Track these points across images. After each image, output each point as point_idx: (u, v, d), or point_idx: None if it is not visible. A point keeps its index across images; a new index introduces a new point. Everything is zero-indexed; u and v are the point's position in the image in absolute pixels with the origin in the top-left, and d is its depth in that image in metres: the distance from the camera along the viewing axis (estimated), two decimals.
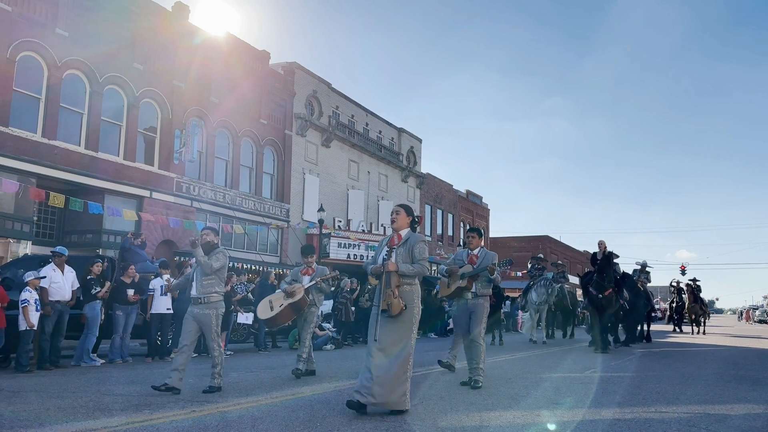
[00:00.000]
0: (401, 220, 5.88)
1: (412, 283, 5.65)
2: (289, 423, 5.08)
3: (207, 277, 6.97)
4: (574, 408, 6.06)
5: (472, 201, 46.85)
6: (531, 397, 6.70)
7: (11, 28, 16.80)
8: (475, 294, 7.62)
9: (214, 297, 6.98)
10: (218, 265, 7.01)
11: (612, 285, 13.75)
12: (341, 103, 32.60)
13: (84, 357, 10.08)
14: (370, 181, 34.21)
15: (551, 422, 5.31)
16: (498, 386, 7.57)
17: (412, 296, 5.60)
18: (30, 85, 17.38)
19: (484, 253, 7.81)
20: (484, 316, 7.62)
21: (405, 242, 5.73)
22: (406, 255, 5.67)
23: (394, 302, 5.40)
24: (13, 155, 16.54)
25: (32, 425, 4.96)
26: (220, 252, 7.11)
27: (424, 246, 5.74)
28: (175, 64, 21.43)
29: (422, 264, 5.67)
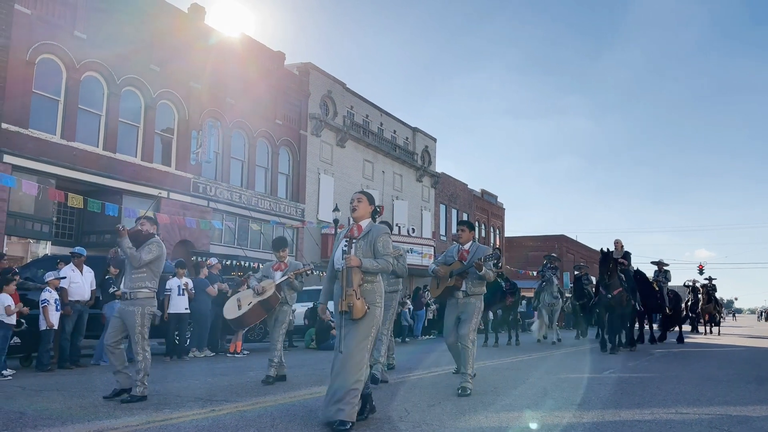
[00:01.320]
0: (362, 209, 5.24)
1: (374, 280, 5.05)
2: (308, 422, 5.10)
3: (136, 270, 6.26)
4: (594, 409, 6.01)
5: (487, 200, 46.69)
6: (550, 398, 6.66)
7: (30, 31, 17.01)
8: (465, 293, 6.99)
9: (143, 293, 6.25)
10: (149, 257, 6.26)
11: (627, 284, 13.62)
12: (356, 103, 32.65)
13: (103, 356, 10.16)
14: (385, 181, 34.22)
15: (567, 422, 5.27)
16: (516, 387, 7.54)
17: (374, 296, 5.01)
18: (49, 87, 17.58)
19: (475, 248, 7.15)
20: (474, 317, 6.93)
21: (366, 234, 5.10)
22: (368, 249, 5.04)
23: (357, 303, 4.79)
24: (32, 157, 16.75)
25: (55, 424, 5.02)
26: (153, 243, 6.38)
27: (388, 238, 5.15)
28: (192, 66, 21.58)
29: (387, 259, 5.05)
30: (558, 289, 17.20)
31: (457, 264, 7.10)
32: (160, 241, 6.55)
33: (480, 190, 46.16)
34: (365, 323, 4.89)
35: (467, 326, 6.82)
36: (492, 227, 46.75)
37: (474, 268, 6.83)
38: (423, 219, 37.44)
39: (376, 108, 34.67)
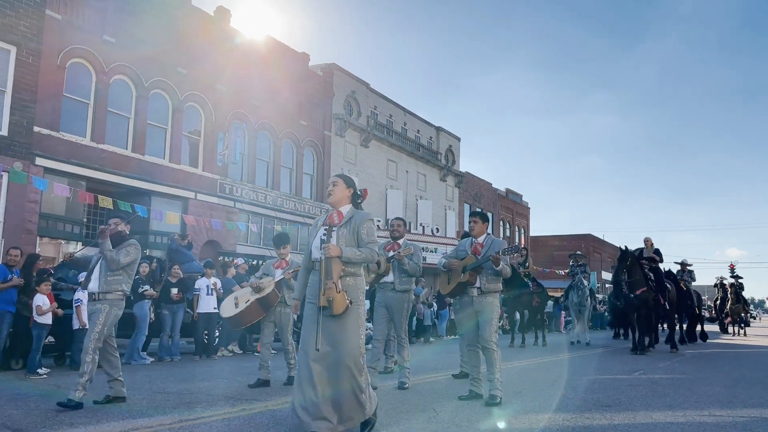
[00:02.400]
0: (339, 193, 4.69)
1: (357, 273, 4.55)
2: None
3: (113, 272, 6.03)
4: (625, 410, 5.95)
5: (511, 199, 46.41)
6: (579, 399, 6.61)
7: (61, 36, 17.35)
8: (480, 290, 6.42)
9: (115, 295, 6.05)
10: (127, 260, 6.08)
11: (651, 283, 13.41)
12: (379, 103, 32.69)
13: (134, 355, 10.35)
14: (409, 181, 34.20)
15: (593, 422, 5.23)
16: (544, 388, 7.49)
17: (356, 292, 4.49)
18: (79, 90, 17.91)
19: (490, 241, 6.54)
20: (493, 317, 6.41)
21: (348, 221, 4.58)
22: (350, 237, 4.52)
23: (337, 297, 4.26)
24: (63, 159, 17.08)
25: (91, 421, 5.12)
26: (131, 245, 6.16)
27: (373, 226, 4.62)
28: (218, 68, 21.80)
29: (371, 248, 4.54)
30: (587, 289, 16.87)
31: (470, 258, 6.50)
32: (137, 243, 6.33)
33: (504, 189, 45.90)
34: (351, 320, 4.37)
35: (489, 328, 6.30)
36: (517, 226, 46.44)
37: (490, 263, 6.28)
38: (447, 219, 37.35)
39: (400, 108, 34.68)
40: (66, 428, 4.85)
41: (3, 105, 16.25)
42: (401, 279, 7.31)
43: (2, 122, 16.19)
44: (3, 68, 16.31)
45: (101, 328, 5.92)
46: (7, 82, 16.32)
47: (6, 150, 15.91)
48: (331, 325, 4.32)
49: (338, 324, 4.34)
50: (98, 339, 5.91)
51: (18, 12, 16.48)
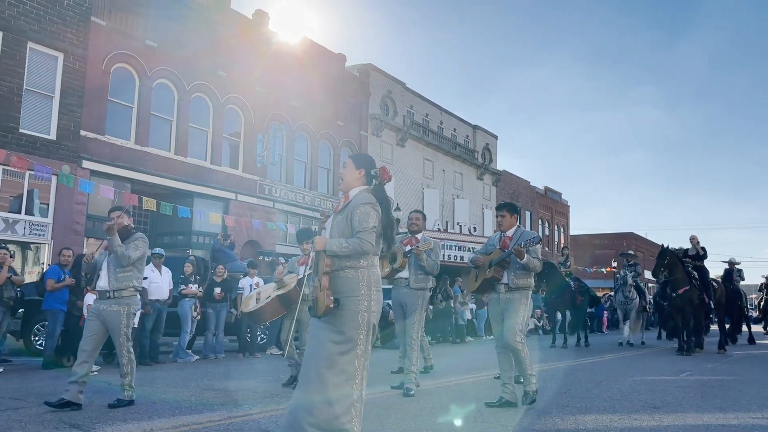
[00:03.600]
0: (348, 176, 4.02)
1: (357, 265, 3.76)
2: (381, 418, 5.16)
3: (123, 269, 5.80)
4: (674, 412, 5.84)
5: (550, 197, 45.85)
6: (626, 401, 6.50)
7: (106, 42, 17.83)
8: (508, 287, 6.03)
9: (128, 291, 5.83)
10: (137, 254, 5.88)
11: (695, 282, 13.08)
12: (415, 102, 32.67)
13: (180, 353, 10.58)
14: (445, 180, 34.09)
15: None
16: (590, 389, 7.39)
17: (357, 284, 3.73)
18: (123, 94, 18.38)
19: (519, 234, 6.13)
20: (520, 314, 5.94)
21: (346, 206, 3.89)
22: (345, 224, 3.83)
23: (319, 296, 3.66)
24: (109, 162, 17.55)
25: (143, 417, 5.26)
26: (139, 239, 5.95)
27: (370, 210, 3.79)
28: (256, 70, 22.09)
29: (361, 237, 3.72)
30: (635, 288, 16.40)
31: (497, 253, 6.12)
32: (144, 236, 6.10)
33: (543, 188, 45.38)
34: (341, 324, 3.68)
35: (514, 326, 5.89)
36: (556, 225, 45.85)
37: (514, 256, 5.89)
38: (484, 218, 37.10)
39: (436, 107, 34.59)
40: (120, 424, 4.99)
41: (51, 110, 16.78)
42: (417, 276, 6.92)
43: (51, 127, 16.72)
44: (51, 74, 16.84)
45: (126, 330, 5.83)
46: (55, 88, 16.85)
47: (54, 153, 16.42)
48: (321, 329, 3.73)
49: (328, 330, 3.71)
50: (127, 339, 5.85)
51: (65, 20, 17.00)
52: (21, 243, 15.53)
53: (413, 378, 6.77)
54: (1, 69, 15.70)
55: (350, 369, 3.64)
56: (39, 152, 15.93)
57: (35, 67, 16.47)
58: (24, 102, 16.13)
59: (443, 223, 31.91)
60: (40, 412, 5.41)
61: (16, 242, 15.50)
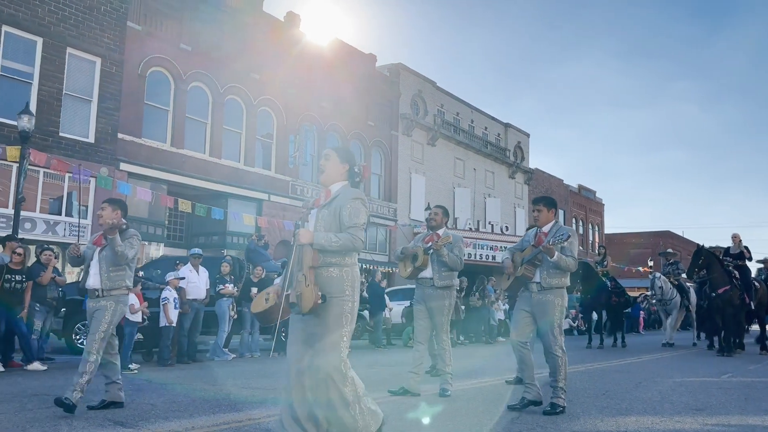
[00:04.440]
0: (331, 169, 3.90)
1: (342, 263, 3.69)
2: (403, 420, 5.16)
3: (116, 267, 5.53)
4: (718, 414, 5.71)
5: (584, 196, 45.26)
6: (668, 402, 6.38)
7: (141, 46, 18.19)
8: (540, 286, 5.68)
9: (120, 291, 5.58)
10: (132, 253, 5.62)
11: (735, 282, 12.75)
12: (446, 101, 32.57)
13: (217, 351, 10.73)
14: (476, 179, 33.91)
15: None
16: (629, 391, 7.27)
17: (341, 285, 3.66)
18: (159, 98, 18.73)
19: (556, 230, 5.75)
20: (555, 317, 5.64)
21: (332, 201, 3.79)
22: (332, 219, 3.73)
23: (305, 292, 3.55)
24: (145, 164, 17.90)
25: (184, 415, 5.35)
26: (133, 237, 5.67)
27: (360, 206, 3.73)
28: (288, 72, 22.28)
29: (353, 233, 3.65)
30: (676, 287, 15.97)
31: (530, 249, 5.82)
32: (138, 233, 5.85)
33: (577, 186, 44.82)
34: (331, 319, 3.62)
35: (552, 330, 5.60)
36: (591, 224, 45.24)
37: (543, 253, 5.58)
38: (516, 217, 36.80)
39: (467, 105, 34.43)
40: (161, 422, 5.08)
41: (90, 114, 17.19)
42: (441, 274, 6.58)
43: (89, 130, 17.13)
44: (89, 79, 17.25)
45: (107, 327, 5.44)
46: (93, 92, 17.26)
47: (93, 156, 16.81)
48: (309, 323, 3.65)
49: (313, 325, 3.64)
50: (104, 338, 5.43)
51: (102, 25, 17.39)
52: (61, 244, 15.93)
53: (449, 378, 6.60)
54: (42, 74, 16.13)
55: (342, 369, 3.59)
56: (78, 155, 16.32)
57: (74, 71, 16.89)
58: (63, 106, 16.56)
59: (474, 223, 31.74)
60: (85, 409, 5.53)
61: (56, 243, 15.88)
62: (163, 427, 4.85)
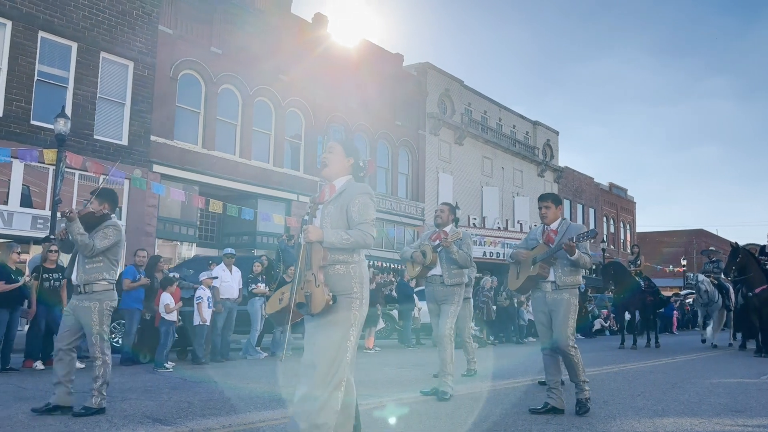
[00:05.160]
0: (335, 163, 3.75)
1: (350, 260, 3.56)
2: (439, 418, 5.15)
3: (92, 260, 5.27)
4: (759, 416, 5.59)
5: (615, 194, 44.64)
6: (705, 404, 6.27)
7: (173, 49, 18.47)
8: (555, 285, 5.56)
9: (100, 285, 5.27)
10: (105, 244, 5.27)
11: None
12: (473, 100, 32.42)
13: (249, 350, 10.85)
14: (505, 178, 33.68)
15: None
16: (665, 391, 7.15)
17: (350, 282, 3.53)
18: (190, 100, 19.00)
19: (565, 227, 5.65)
20: (570, 316, 5.50)
21: (339, 196, 3.65)
22: (339, 215, 3.60)
23: (315, 292, 3.42)
24: (177, 165, 18.18)
25: (221, 413, 5.42)
26: (110, 226, 5.35)
27: (369, 201, 3.61)
28: (316, 73, 22.42)
29: (363, 230, 3.52)
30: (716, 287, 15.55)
31: (541, 248, 5.63)
32: (118, 223, 5.51)
33: (608, 184, 44.24)
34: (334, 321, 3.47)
35: (565, 329, 5.47)
36: (622, 222, 44.60)
37: (564, 251, 5.41)
38: None
39: (495, 103, 34.23)
40: (198, 419, 5.16)
41: (123, 116, 17.51)
42: (450, 271, 6.46)
43: (122, 132, 17.45)
44: (122, 82, 17.58)
45: (99, 328, 5.26)
46: (126, 95, 17.58)
47: (126, 158, 17.12)
48: (314, 326, 3.53)
49: (321, 326, 3.49)
50: (101, 338, 5.27)
51: (134, 29, 17.70)
52: None
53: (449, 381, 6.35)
54: (77, 78, 16.49)
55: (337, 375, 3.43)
56: (112, 157, 16.63)
57: (107, 75, 17.22)
58: (98, 109, 16.90)
59: (503, 222, 31.53)
60: (124, 406, 5.65)
61: None
62: (200, 425, 4.92)
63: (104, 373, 5.23)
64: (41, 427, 4.74)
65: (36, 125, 15.59)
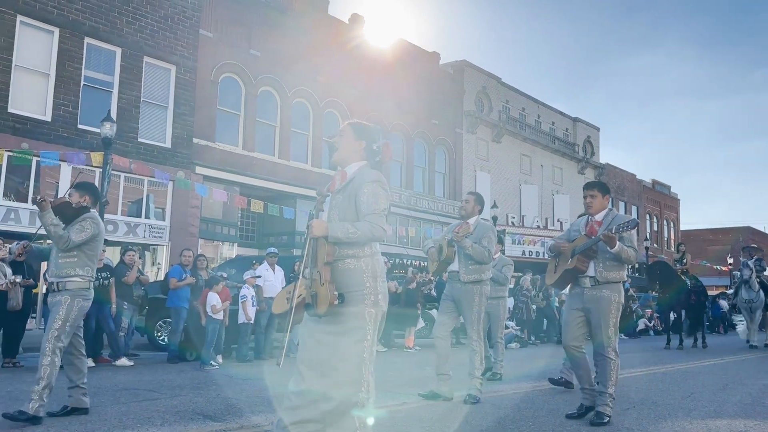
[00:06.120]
0: (346, 146, 3.40)
1: (360, 254, 3.19)
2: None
3: (65, 254, 4.92)
4: None
5: (659, 191, 43.70)
6: (760, 406, 6.10)
7: (214, 53, 18.80)
8: (595, 281, 5.10)
9: (73, 283, 4.91)
10: (81, 237, 4.90)
11: None
12: (511, 97, 32.11)
13: (292, 348, 10.94)
14: (544, 175, 33.28)
15: None
16: (715, 393, 6.98)
17: (360, 275, 3.17)
18: (230, 103, 19.31)
19: (611, 219, 5.18)
20: (611, 316, 5.05)
21: (348, 184, 3.29)
22: (347, 205, 3.25)
23: (320, 291, 3.10)
24: (219, 167, 18.50)
25: (268, 410, 5.50)
26: (87, 219, 4.99)
27: (379, 189, 3.22)
28: (353, 73, 22.53)
29: (371, 221, 3.15)
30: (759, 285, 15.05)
31: (582, 239, 5.18)
32: (97, 216, 5.14)
33: (651, 181, 43.33)
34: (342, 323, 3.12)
35: (605, 330, 5.02)
36: (665, 220, 43.62)
37: (603, 243, 4.96)
38: None
39: (533, 100, 33.84)
40: (247, 416, 5.25)
41: (166, 120, 17.89)
42: (468, 267, 5.97)
43: (166, 135, 17.83)
44: (165, 86, 17.97)
45: (61, 324, 4.78)
46: (169, 99, 17.96)
47: (170, 160, 17.49)
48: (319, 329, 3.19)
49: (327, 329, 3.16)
50: (57, 337, 4.76)
51: (176, 34, 18.07)
52: (142, 245, 16.66)
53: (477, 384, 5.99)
54: (122, 83, 16.91)
55: (355, 375, 3.10)
56: (156, 159, 17.02)
57: (151, 79, 17.62)
58: (141, 113, 17.31)
59: (542, 220, 31.17)
60: (174, 403, 5.78)
61: (137, 244, 16.63)
62: (249, 421, 5.01)
63: (49, 375, 4.66)
64: (93, 422, 4.88)
65: (83, 129, 16.05)
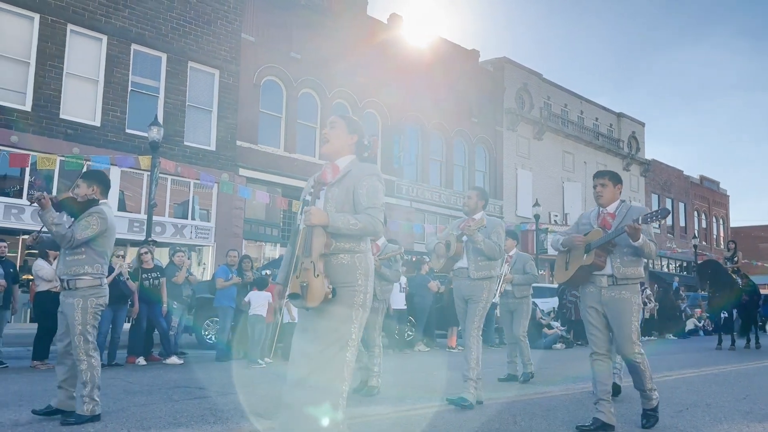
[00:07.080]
0: (337, 139, 3.41)
1: (355, 249, 3.22)
2: (549, 417, 5.08)
3: (72, 251, 4.68)
4: None
5: (707, 187, 42.51)
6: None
7: (255, 56, 19.09)
8: (613, 278, 4.69)
9: (83, 281, 4.68)
10: (86, 234, 4.64)
11: None
12: (553, 93, 31.68)
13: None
14: (587, 173, 32.70)
15: None
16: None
17: (354, 273, 3.19)
18: (272, 105, 19.59)
19: (625, 210, 4.79)
20: (633, 318, 4.69)
21: (344, 177, 3.30)
22: (344, 198, 3.26)
23: (313, 283, 3.06)
24: (261, 169, 18.78)
25: None
26: (94, 214, 4.72)
27: (378, 184, 3.29)
28: (392, 73, 22.57)
29: (372, 214, 3.20)
30: None
31: (596, 233, 4.75)
32: (104, 210, 4.82)
33: (698, 177, 42.17)
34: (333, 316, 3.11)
35: (627, 332, 4.67)
36: (714, 217, 42.39)
37: (626, 237, 4.54)
38: None
39: (575, 96, 33.32)
40: None
41: (210, 123, 18.26)
42: (477, 263, 5.76)
43: (210, 138, 18.19)
44: (209, 90, 18.33)
45: (82, 327, 4.64)
46: (213, 102, 18.32)
47: (214, 163, 17.84)
48: (310, 321, 3.17)
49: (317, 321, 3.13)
50: (86, 341, 4.66)
51: (219, 38, 18.41)
52: (188, 245, 17.04)
53: (470, 386, 5.67)
54: (167, 88, 17.33)
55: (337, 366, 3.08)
56: (201, 162, 17.38)
57: (195, 84, 18.01)
58: (187, 117, 17.70)
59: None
60: (225, 401, 5.90)
61: (183, 245, 17.02)
62: None
63: (92, 377, 4.64)
64: (149, 419, 5.02)
65: (131, 133, 16.51)
